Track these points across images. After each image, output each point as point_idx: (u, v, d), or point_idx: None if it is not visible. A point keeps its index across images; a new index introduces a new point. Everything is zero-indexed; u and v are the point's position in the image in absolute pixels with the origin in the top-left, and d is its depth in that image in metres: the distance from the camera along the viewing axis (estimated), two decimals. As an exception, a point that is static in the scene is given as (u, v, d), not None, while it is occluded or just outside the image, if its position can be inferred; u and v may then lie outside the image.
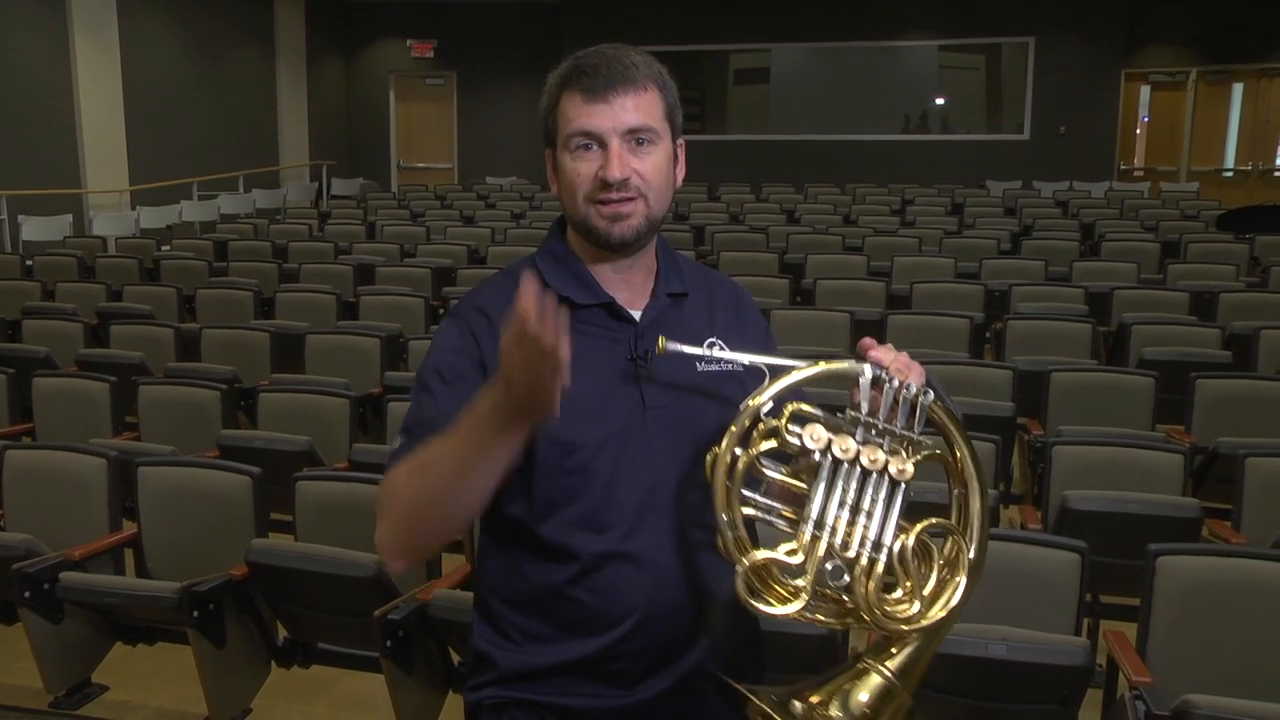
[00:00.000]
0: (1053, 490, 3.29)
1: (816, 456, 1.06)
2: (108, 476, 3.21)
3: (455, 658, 2.79)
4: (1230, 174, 13.26)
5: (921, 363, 1.16)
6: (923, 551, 1.10)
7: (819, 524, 1.06)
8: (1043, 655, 2.22)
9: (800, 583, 1.05)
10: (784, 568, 1.07)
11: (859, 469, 1.06)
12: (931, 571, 1.11)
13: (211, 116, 12.59)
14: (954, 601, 1.08)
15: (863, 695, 1.04)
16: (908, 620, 1.07)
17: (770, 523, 1.11)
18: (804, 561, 1.06)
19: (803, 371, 1.10)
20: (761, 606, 1.06)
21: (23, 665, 3.15)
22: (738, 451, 1.09)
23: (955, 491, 1.15)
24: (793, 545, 1.07)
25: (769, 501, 1.12)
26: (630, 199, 1.27)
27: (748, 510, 1.10)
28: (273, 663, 3.03)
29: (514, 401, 1.06)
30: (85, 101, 10.51)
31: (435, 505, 1.18)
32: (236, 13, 13.20)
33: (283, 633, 3.02)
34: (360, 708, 3.16)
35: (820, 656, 2.37)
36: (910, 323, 5.37)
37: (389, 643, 2.53)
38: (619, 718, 1.30)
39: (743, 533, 1.12)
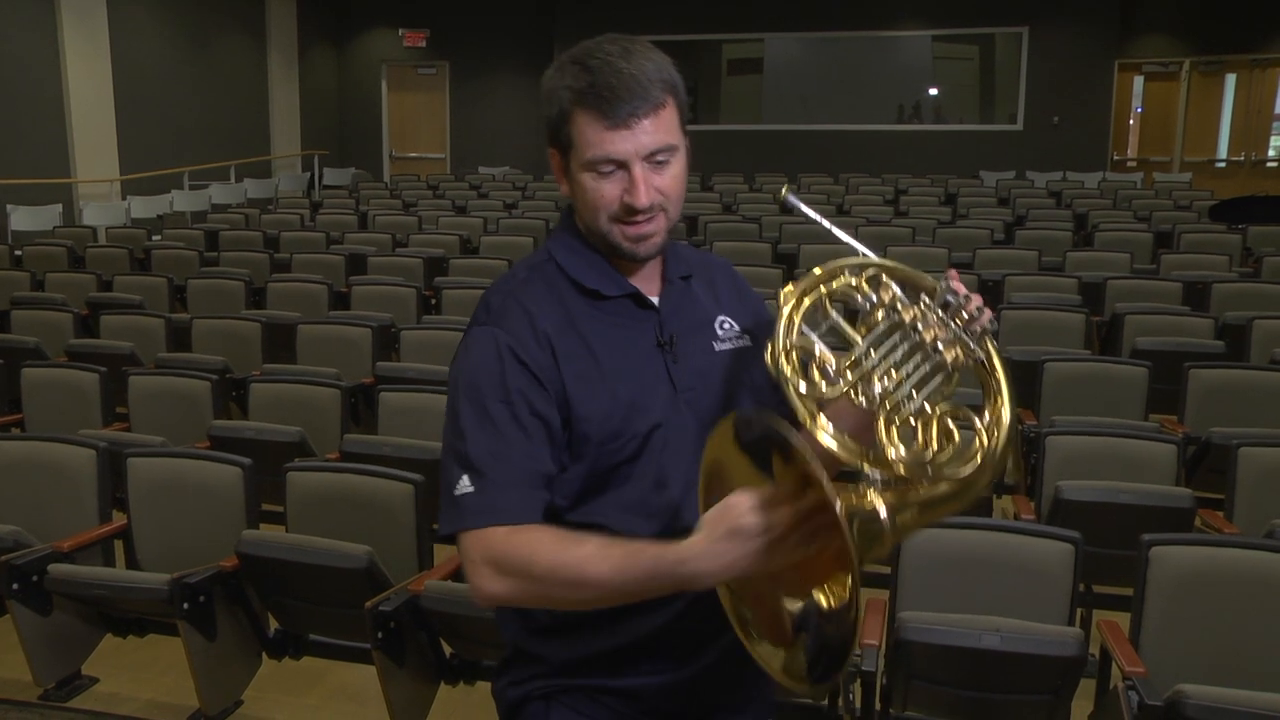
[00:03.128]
0: (1046, 481, 3.29)
1: (880, 314, 1.07)
2: (97, 467, 3.19)
3: (447, 649, 2.79)
4: (1223, 164, 13.27)
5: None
6: (945, 430, 1.07)
7: (865, 354, 1.08)
8: (1036, 646, 2.22)
9: (827, 390, 1.06)
10: (825, 364, 1.09)
11: (913, 338, 1.06)
12: (950, 447, 1.06)
13: (202, 106, 12.52)
14: (970, 467, 1.04)
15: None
16: (926, 463, 1.03)
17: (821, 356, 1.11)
18: (846, 367, 1.08)
19: (892, 263, 1.13)
20: (794, 388, 1.06)
21: (12, 658, 3.14)
22: (815, 290, 1.13)
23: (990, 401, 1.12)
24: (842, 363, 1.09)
25: (822, 345, 1.12)
26: (653, 218, 1.27)
27: (803, 341, 1.11)
28: (264, 654, 3.02)
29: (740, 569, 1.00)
30: (75, 90, 10.44)
31: (574, 593, 1.16)
32: (227, 1, 13.11)
33: (274, 624, 3.00)
34: (352, 699, 3.15)
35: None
36: (904, 313, 5.35)
37: (380, 634, 2.52)
38: (671, 691, 1.32)
39: (795, 357, 1.12)
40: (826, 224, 1.30)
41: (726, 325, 1.39)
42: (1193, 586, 2.41)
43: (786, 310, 1.14)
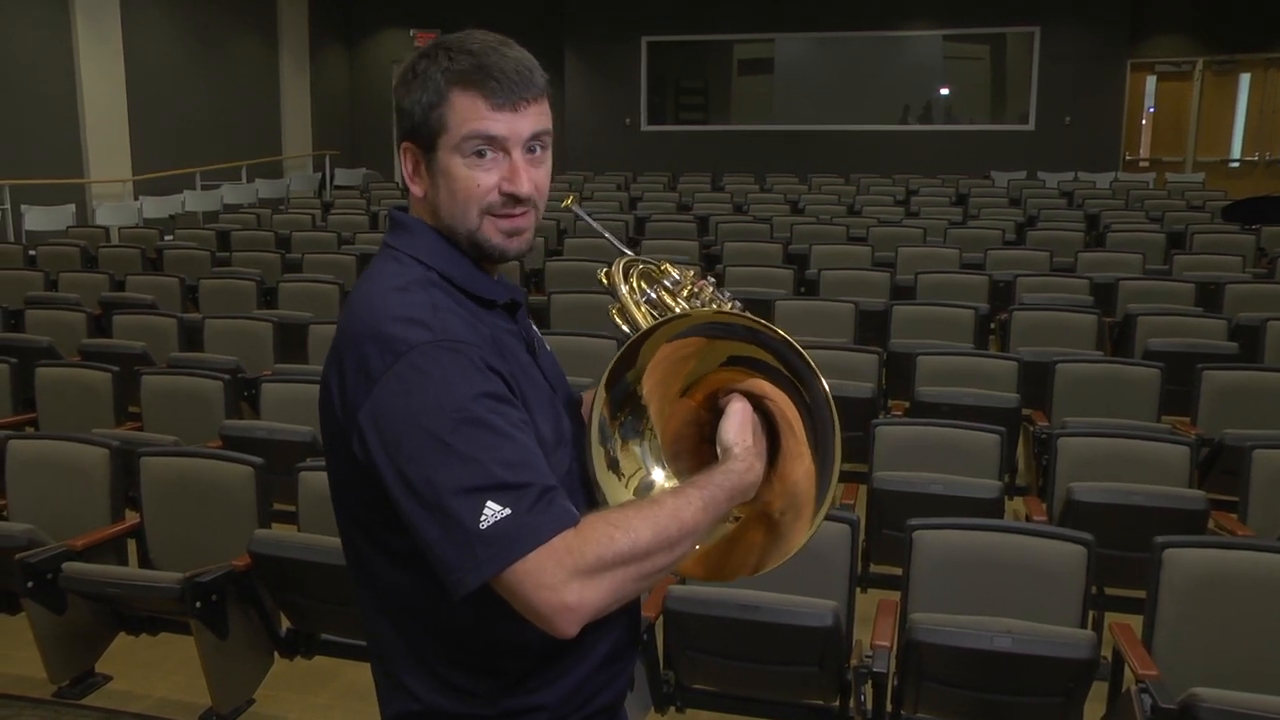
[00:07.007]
0: (1058, 482, 3.29)
1: (664, 275, 1.50)
2: (110, 466, 3.21)
3: (285, 623, 2.81)
4: (1237, 164, 13.21)
5: (925, 354, 1.16)
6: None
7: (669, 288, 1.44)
8: (1048, 648, 2.22)
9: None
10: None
11: (673, 278, 1.47)
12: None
13: (214, 106, 12.57)
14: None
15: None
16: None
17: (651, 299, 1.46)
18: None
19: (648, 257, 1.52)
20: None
21: (26, 655, 3.16)
22: (630, 270, 1.44)
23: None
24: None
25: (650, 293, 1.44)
26: (526, 212, 1.22)
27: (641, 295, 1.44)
28: (275, 653, 3.03)
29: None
30: (88, 91, 10.49)
31: (675, 553, 1.09)
32: (238, 1, 13.16)
33: (285, 623, 3.02)
34: (363, 698, 3.15)
35: (826, 648, 2.36)
36: (915, 313, 5.35)
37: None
38: (621, 690, 1.30)
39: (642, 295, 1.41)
40: (608, 235, 1.53)
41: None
42: (1206, 589, 2.40)
43: (623, 286, 1.38)
